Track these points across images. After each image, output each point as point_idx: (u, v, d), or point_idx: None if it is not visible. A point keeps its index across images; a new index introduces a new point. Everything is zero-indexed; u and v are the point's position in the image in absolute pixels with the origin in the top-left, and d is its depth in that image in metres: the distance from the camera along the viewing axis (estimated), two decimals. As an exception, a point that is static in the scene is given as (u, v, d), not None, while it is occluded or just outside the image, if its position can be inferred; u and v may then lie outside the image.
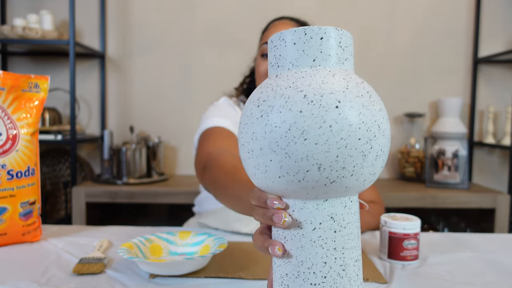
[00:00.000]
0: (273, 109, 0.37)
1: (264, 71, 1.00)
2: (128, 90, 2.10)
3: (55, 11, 1.99)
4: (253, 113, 0.38)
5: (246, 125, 0.39)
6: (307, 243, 0.38)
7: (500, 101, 2.08)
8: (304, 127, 0.35)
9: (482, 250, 0.84)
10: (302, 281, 0.38)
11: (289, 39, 0.39)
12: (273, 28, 1.03)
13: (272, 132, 0.36)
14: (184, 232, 0.82)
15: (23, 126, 0.86)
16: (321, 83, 0.37)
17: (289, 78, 0.38)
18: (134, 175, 1.84)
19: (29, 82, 0.87)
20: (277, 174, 0.37)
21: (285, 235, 0.39)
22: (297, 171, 0.36)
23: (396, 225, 0.77)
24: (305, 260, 0.38)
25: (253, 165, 0.39)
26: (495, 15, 2.06)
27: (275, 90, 0.38)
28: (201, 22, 2.06)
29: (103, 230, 0.96)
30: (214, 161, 0.78)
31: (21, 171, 0.84)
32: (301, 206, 0.38)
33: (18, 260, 0.76)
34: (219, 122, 0.97)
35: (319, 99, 0.36)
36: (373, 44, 2.07)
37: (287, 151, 0.36)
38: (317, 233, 0.38)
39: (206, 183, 0.80)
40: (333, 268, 0.38)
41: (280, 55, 0.40)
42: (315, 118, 0.35)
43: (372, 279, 0.68)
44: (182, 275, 0.68)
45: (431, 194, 1.73)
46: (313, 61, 0.39)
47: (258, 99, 0.39)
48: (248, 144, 0.38)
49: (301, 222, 0.38)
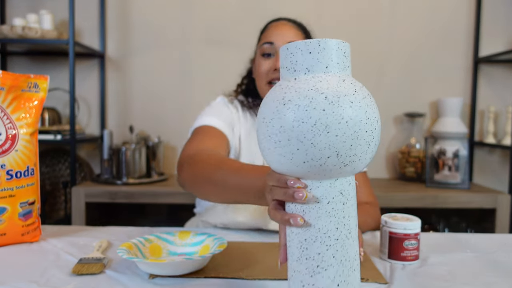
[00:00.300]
0: (299, 108, 0.45)
1: (265, 71, 1.01)
2: (128, 89, 2.10)
3: (55, 10, 1.99)
4: (280, 110, 0.46)
5: (272, 120, 0.47)
6: (323, 214, 0.48)
7: (500, 101, 2.08)
8: (327, 122, 0.44)
9: (483, 250, 0.84)
10: (320, 243, 0.48)
11: (305, 49, 0.48)
12: (272, 28, 1.03)
13: (300, 126, 0.45)
14: (184, 232, 0.82)
15: (22, 126, 0.85)
16: (336, 86, 0.46)
17: (308, 82, 0.47)
18: (133, 175, 1.84)
19: (28, 82, 0.87)
20: (302, 160, 0.46)
21: (303, 208, 0.49)
22: (320, 157, 0.45)
23: (397, 225, 0.77)
24: (322, 227, 0.48)
25: (279, 153, 0.47)
26: (496, 14, 2.06)
27: (298, 92, 0.46)
28: (201, 21, 2.06)
29: (103, 230, 0.96)
30: (196, 157, 0.82)
31: (21, 171, 0.84)
32: (317, 185, 0.48)
33: (17, 261, 0.76)
34: (209, 121, 0.99)
35: (337, 100, 0.45)
36: (373, 44, 2.07)
37: (312, 142, 0.45)
38: (331, 205, 0.48)
39: (185, 178, 0.83)
40: (343, 232, 0.49)
41: (296, 61, 0.48)
42: (335, 115, 0.44)
43: (372, 279, 0.68)
44: (181, 275, 0.68)
45: (431, 194, 1.73)
46: (325, 67, 0.48)
47: (283, 99, 0.47)
48: (276, 136, 0.46)
49: (318, 197, 0.48)
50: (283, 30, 1.02)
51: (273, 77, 1.00)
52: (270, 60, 1.01)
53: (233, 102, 1.10)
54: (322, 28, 2.05)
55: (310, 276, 0.49)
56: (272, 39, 1.01)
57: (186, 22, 2.06)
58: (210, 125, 0.99)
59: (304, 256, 0.49)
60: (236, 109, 1.09)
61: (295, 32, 1.03)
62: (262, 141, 0.49)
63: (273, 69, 1.00)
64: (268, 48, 1.01)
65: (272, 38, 1.01)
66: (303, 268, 0.49)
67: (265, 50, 1.01)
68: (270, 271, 0.71)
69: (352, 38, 2.06)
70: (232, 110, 1.07)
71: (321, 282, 0.48)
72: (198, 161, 0.81)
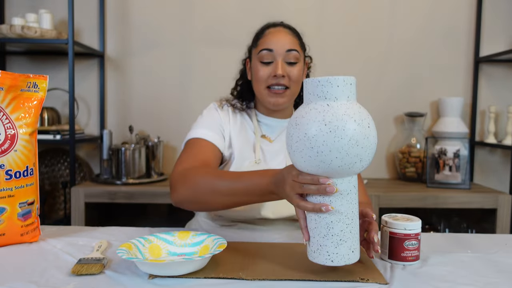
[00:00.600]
0: (338, 128, 0.62)
1: (264, 76, 1.04)
2: (127, 89, 2.10)
3: (54, 10, 1.98)
4: (322, 129, 0.63)
5: (315, 136, 0.63)
6: (344, 202, 0.67)
7: (501, 101, 2.08)
8: (357, 138, 0.63)
9: (484, 251, 0.84)
10: (342, 223, 0.67)
11: (334, 83, 0.65)
12: (270, 35, 1.06)
13: (339, 142, 0.62)
14: (183, 232, 0.82)
15: (21, 126, 0.85)
16: (358, 112, 0.65)
17: (340, 108, 0.64)
18: (133, 175, 1.84)
19: (27, 82, 0.86)
20: (338, 165, 0.63)
21: (330, 199, 0.67)
22: (350, 163, 0.64)
23: (397, 226, 0.77)
24: (344, 211, 0.67)
25: (320, 160, 0.63)
26: (497, 14, 2.05)
27: (335, 116, 0.63)
28: (200, 21, 2.06)
29: (102, 230, 0.96)
30: (190, 175, 0.90)
31: (20, 171, 0.84)
32: (341, 181, 0.66)
33: (16, 261, 0.76)
34: (200, 133, 1.04)
35: (362, 122, 0.64)
36: (374, 44, 2.07)
37: (347, 152, 0.63)
38: (349, 195, 0.68)
39: (183, 195, 0.90)
40: (354, 213, 0.68)
41: (327, 91, 0.65)
42: (362, 134, 0.63)
43: (372, 279, 0.68)
44: (181, 276, 0.68)
45: (432, 194, 1.72)
46: (347, 97, 0.66)
47: (323, 120, 0.63)
48: (318, 147, 0.63)
49: (341, 190, 0.66)
50: (281, 37, 1.04)
51: (272, 82, 1.04)
52: (269, 67, 1.04)
53: (223, 106, 1.13)
54: (323, 27, 2.05)
55: (335, 247, 0.67)
56: (272, 46, 1.03)
57: (185, 21, 2.06)
58: (201, 137, 1.04)
59: (330, 233, 0.67)
60: (226, 112, 1.12)
61: (292, 38, 1.06)
62: (302, 151, 0.65)
63: (273, 75, 1.03)
64: (267, 55, 1.04)
65: (271, 45, 1.04)
66: (329, 242, 0.67)
67: (264, 56, 1.04)
68: (270, 271, 0.71)
69: (352, 38, 2.06)
70: (221, 114, 1.10)
71: (342, 251, 0.67)
72: (195, 177, 0.89)
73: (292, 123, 0.67)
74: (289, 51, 1.03)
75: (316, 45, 1.18)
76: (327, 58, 2.04)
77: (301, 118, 0.65)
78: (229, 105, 1.14)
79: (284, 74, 1.02)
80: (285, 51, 1.03)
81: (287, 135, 0.68)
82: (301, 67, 1.06)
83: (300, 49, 1.07)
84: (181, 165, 0.96)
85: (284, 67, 1.03)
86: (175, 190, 0.91)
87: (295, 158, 0.67)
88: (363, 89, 2.05)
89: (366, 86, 2.06)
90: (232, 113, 1.12)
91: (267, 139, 1.11)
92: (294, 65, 1.04)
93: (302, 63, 1.07)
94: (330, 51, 2.05)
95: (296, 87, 1.06)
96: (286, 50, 1.03)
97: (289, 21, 1.13)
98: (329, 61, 2.05)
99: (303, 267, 0.73)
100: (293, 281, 0.68)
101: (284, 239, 0.92)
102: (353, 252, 0.68)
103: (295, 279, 0.68)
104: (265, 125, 1.12)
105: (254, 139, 1.09)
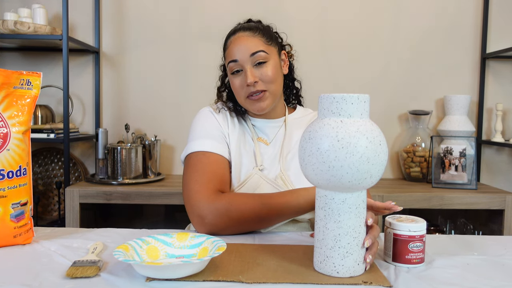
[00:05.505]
0: (350, 144, 0.65)
1: (239, 87, 1.04)
2: (123, 87, 2.07)
3: (48, 5, 1.96)
4: (334, 145, 0.65)
5: (327, 151, 0.66)
6: (353, 216, 0.70)
7: (509, 98, 2.06)
8: (369, 155, 0.65)
9: (491, 253, 0.83)
10: (349, 236, 0.70)
11: (349, 101, 0.68)
12: (232, 45, 1.06)
13: (351, 158, 0.65)
14: (182, 233, 0.81)
15: (14, 125, 0.84)
16: (370, 130, 0.67)
17: (353, 125, 0.67)
18: (129, 175, 1.82)
19: (20, 79, 0.86)
20: (348, 180, 0.66)
21: (339, 212, 0.70)
22: (360, 178, 0.66)
23: (401, 227, 0.76)
24: (352, 225, 0.70)
25: (331, 174, 0.66)
26: (503, 10, 2.03)
27: (348, 133, 0.66)
28: (198, 17, 2.04)
29: (97, 232, 0.95)
30: (224, 206, 0.91)
31: (13, 171, 0.83)
32: (350, 195, 0.69)
33: (9, 263, 0.75)
34: (203, 146, 1.02)
35: (373, 139, 0.66)
36: (379, 41, 2.05)
37: (358, 168, 0.65)
38: (358, 210, 0.70)
39: (221, 227, 0.91)
40: (362, 227, 0.71)
41: (342, 108, 0.68)
42: (374, 151, 0.66)
43: (376, 283, 0.68)
44: (179, 279, 0.67)
45: (437, 195, 1.70)
46: (360, 114, 0.68)
47: (337, 136, 0.66)
48: (330, 162, 0.66)
49: (350, 204, 0.69)
50: (241, 43, 1.04)
51: (248, 91, 1.03)
52: (240, 77, 1.05)
53: (220, 110, 1.12)
54: (327, 22, 2.04)
55: (341, 259, 0.69)
56: (236, 57, 1.04)
57: (183, 17, 2.04)
58: (209, 151, 1.01)
59: (337, 245, 0.69)
60: (224, 116, 1.11)
61: (253, 40, 1.04)
62: (313, 165, 0.68)
63: (246, 85, 1.03)
64: (235, 66, 1.04)
65: (235, 56, 1.04)
66: (335, 254, 0.69)
67: (233, 68, 1.04)
68: (270, 274, 0.70)
69: (357, 34, 2.05)
70: (219, 119, 1.09)
71: (348, 263, 0.69)
72: (232, 207, 0.91)
73: (306, 137, 0.70)
74: (254, 54, 1.02)
75: (320, 42, 1.20)
76: (331, 55, 2.03)
77: (314, 133, 0.68)
78: (226, 108, 1.12)
79: (255, 80, 1.01)
80: (249, 56, 1.02)
81: (300, 148, 0.71)
82: (275, 62, 1.05)
83: (267, 45, 1.05)
84: (200, 189, 0.94)
85: (253, 73, 1.02)
86: (209, 222, 0.91)
87: (307, 171, 0.70)
88: (367, 86, 2.05)
89: (371, 82, 2.05)
90: (230, 117, 1.11)
91: (263, 142, 1.10)
92: (264, 64, 1.03)
93: (275, 57, 1.05)
94: (334, 48, 2.04)
95: (275, 86, 1.05)
96: (250, 55, 1.02)
97: (292, 15, 1.11)
98: (333, 59, 2.04)
99: (305, 270, 0.72)
100: (294, 285, 0.67)
101: (285, 242, 0.91)
102: (359, 265, 0.70)
103: (296, 283, 0.67)
104: (258, 128, 1.12)
105: (253, 144, 1.08)
